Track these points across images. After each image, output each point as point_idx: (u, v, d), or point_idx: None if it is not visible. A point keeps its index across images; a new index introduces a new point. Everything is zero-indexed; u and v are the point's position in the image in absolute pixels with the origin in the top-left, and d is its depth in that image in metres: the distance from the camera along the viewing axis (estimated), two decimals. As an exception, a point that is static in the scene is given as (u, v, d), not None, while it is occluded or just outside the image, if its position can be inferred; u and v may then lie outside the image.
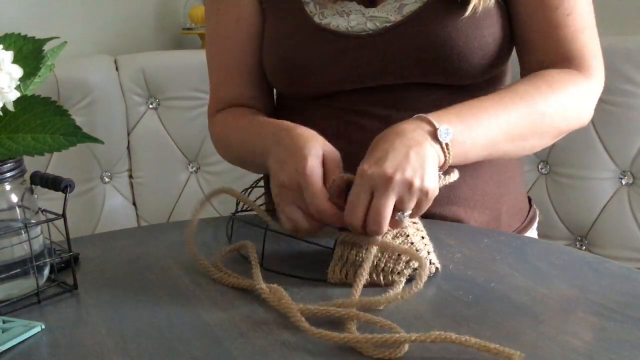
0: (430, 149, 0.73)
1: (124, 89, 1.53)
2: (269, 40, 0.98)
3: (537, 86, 0.86)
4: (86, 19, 1.78)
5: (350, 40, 0.91)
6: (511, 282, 0.70)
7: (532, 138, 0.86)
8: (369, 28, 0.91)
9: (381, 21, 0.90)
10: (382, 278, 0.71)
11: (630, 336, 0.59)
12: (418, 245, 0.72)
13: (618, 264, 0.74)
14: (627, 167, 1.29)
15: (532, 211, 1.07)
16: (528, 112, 0.84)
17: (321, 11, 0.93)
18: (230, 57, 1.02)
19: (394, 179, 0.69)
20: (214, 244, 0.85)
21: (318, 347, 0.59)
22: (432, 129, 0.75)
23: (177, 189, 1.59)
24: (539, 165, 1.39)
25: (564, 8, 0.88)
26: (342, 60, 0.91)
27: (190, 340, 0.62)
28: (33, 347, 0.63)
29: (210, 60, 1.05)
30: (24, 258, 0.71)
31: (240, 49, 1.01)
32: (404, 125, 0.75)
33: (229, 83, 1.03)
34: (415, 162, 0.71)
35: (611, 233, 1.31)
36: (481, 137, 0.80)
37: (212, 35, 1.04)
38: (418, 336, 0.57)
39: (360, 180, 0.71)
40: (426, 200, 0.72)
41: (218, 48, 1.03)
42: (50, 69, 0.76)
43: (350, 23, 0.91)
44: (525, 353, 0.56)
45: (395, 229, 0.73)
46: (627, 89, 1.26)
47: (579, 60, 0.89)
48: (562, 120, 0.88)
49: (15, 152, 0.69)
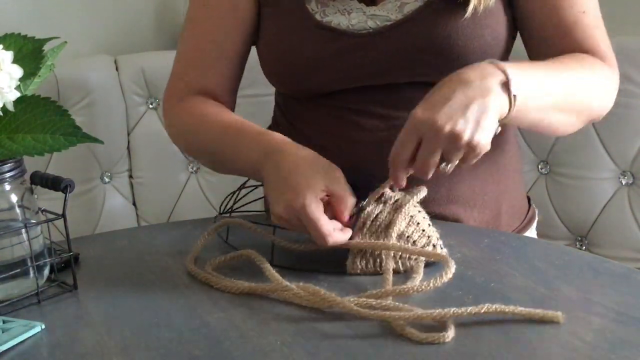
0: (495, 101, 0.71)
1: (124, 89, 1.53)
2: (270, 38, 0.97)
3: (580, 62, 0.86)
4: (86, 19, 1.78)
5: (351, 38, 0.91)
6: (511, 282, 0.70)
7: (572, 114, 0.87)
8: (370, 26, 0.91)
9: (382, 20, 0.91)
10: (400, 265, 0.74)
11: (630, 336, 0.59)
12: (429, 231, 0.75)
13: (618, 264, 0.74)
14: (627, 167, 1.29)
15: (531, 211, 1.07)
16: (579, 85, 0.84)
17: (322, 9, 0.93)
18: (212, 44, 0.98)
19: (443, 130, 0.69)
20: (212, 247, 0.85)
21: (318, 347, 0.59)
22: (504, 79, 0.73)
23: (177, 189, 1.59)
24: (539, 165, 1.38)
25: (578, 6, 0.89)
26: (343, 59, 0.91)
27: (190, 340, 0.62)
28: (33, 347, 0.63)
29: (185, 42, 1.01)
30: (24, 258, 0.71)
31: (224, 39, 0.98)
32: (471, 72, 0.73)
33: (203, 70, 0.99)
34: (471, 115, 0.69)
35: (611, 233, 1.31)
36: (540, 100, 0.79)
37: (196, 18, 1.00)
38: (464, 310, 0.61)
39: (410, 124, 0.71)
40: (474, 155, 0.72)
41: (199, 32, 0.99)
42: (50, 69, 0.76)
43: (351, 21, 0.91)
44: (525, 353, 0.56)
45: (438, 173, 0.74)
46: (627, 89, 1.26)
47: (600, 54, 0.90)
48: (596, 100, 0.89)
49: (15, 152, 0.69)
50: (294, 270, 0.74)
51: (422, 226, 0.75)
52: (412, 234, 0.74)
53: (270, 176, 0.78)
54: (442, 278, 0.68)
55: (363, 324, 0.63)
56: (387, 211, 0.75)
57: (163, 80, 1.55)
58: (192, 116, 0.97)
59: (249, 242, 0.80)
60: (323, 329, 0.63)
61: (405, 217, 0.75)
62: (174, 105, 1.00)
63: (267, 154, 0.81)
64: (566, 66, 0.85)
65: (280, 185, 0.76)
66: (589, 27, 0.90)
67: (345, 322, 0.64)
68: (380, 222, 0.75)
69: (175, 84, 1.02)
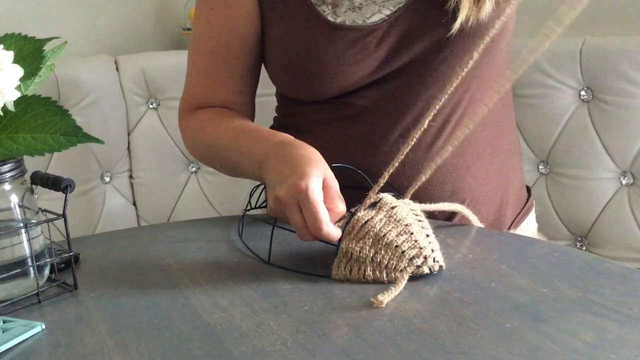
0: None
1: (124, 89, 1.53)
2: (280, 48, 0.95)
3: None
4: (86, 19, 1.78)
5: (370, 33, 0.90)
6: (511, 282, 0.70)
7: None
8: (385, 15, 0.90)
9: (394, 4, 0.90)
10: (385, 275, 0.71)
11: (630, 336, 0.59)
12: (422, 243, 0.72)
13: (618, 264, 0.74)
14: (627, 167, 1.29)
15: (529, 200, 1.08)
16: None
17: (333, 10, 0.91)
18: (220, 63, 0.98)
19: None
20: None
21: (318, 347, 0.59)
22: None
23: (177, 189, 1.59)
24: (539, 165, 1.39)
25: None
26: (363, 57, 0.90)
27: (190, 340, 0.62)
28: (33, 347, 0.63)
29: (194, 60, 1.01)
30: (24, 258, 0.71)
31: (232, 58, 0.98)
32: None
33: (215, 88, 1.00)
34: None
35: (611, 233, 1.31)
36: None
37: (202, 33, 0.99)
38: None
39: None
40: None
41: (206, 52, 0.99)
42: (50, 69, 0.76)
43: (365, 15, 0.90)
44: (525, 353, 0.56)
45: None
46: (627, 89, 1.26)
47: None
48: None
49: (16, 152, 0.69)
50: (286, 270, 0.75)
51: (416, 237, 0.73)
52: (401, 244, 0.72)
53: (277, 162, 0.79)
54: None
55: (363, 324, 0.63)
56: (379, 218, 0.74)
57: (163, 80, 1.57)
58: (204, 126, 0.98)
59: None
60: (323, 329, 0.63)
61: (398, 225, 0.73)
62: (186, 119, 1.02)
63: (275, 146, 0.82)
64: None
65: (286, 168, 0.76)
66: None
67: (345, 322, 0.64)
68: (369, 228, 0.73)
69: (187, 99, 1.03)
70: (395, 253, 0.71)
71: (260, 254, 0.80)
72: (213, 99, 1.00)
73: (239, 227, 0.88)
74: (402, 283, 0.69)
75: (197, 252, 0.83)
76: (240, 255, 0.81)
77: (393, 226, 0.73)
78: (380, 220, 0.73)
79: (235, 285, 0.73)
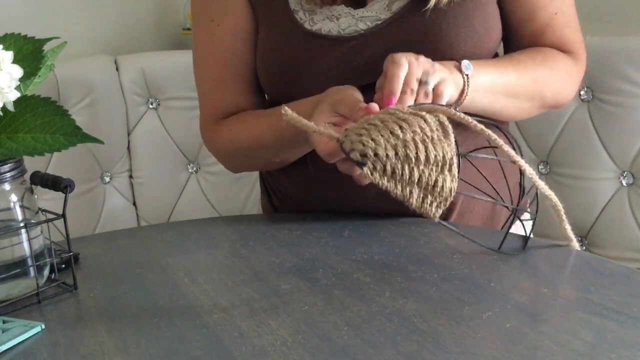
0: (453, 74, 0.83)
1: (124, 89, 1.53)
2: (263, 53, 0.97)
3: (532, 57, 0.96)
4: (86, 19, 1.78)
5: (344, 43, 0.91)
6: (511, 282, 0.70)
7: (523, 99, 0.94)
8: (361, 28, 0.91)
9: (372, 20, 0.91)
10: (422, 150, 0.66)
11: (630, 336, 0.59)
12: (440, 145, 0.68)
13: (618, 264, 0.74)
14: (627, 167, 1.29)
15: (525, 200, 1.08)
16: (523, 74, 0.93)
17: (311, 17, 0.93)
18: (226, 68, 1.00)
19: (420, 58, 0.79)
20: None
21: (318, 347, 0.59)
22: (456, 63, 0.84)
23: (177, 189, 1.59)
24: (539, 165, 1.39)
25: (552, 8, 0.97)
26: (339, 64, 0.92)
27: (190, 340, 0.62)
28: (33, 347, 0.63)
29: (201, 68, 1.03)
30: (24, 258, 0.71)
31: (237, 62, 1.00)
32: None
33: (226, 94, 1.01)
34: (438, 68, 0.80)
35: (611, 233, 1.31)
36: (490, 83, 0.88)
37: (206, 46, 1.01)
38: None
39: (392, 59, 0.79)
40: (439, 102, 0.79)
41: (211, 59, 1.01)
42: (50, 69, 0.76)
43: (341, 26, 0.92)
44: (525, 353, 0.56)
45: None
46: (627, 89, 1.26)
47: (567, 50, 0.99)
48: (548, 89, 0.96)
49: (15, 152, 0.69)
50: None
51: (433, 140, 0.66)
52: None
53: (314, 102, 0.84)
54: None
55: (363, 324, 0.63)
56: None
57: (163, 80, 1.57)
58: (238, 132, 0.99)
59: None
60: (323, 329, 0.63)
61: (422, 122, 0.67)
62: (210, 131, 1.04)
63: (314, 97, 0.86)
64: (522, 55, 0.95)
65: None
66: (560, 27, 0.98)
67: (345, 322, 0.64)
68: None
69: (205, 112, 1.05)
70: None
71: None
72: (230, 106, 1.02)
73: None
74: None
75: (197, 252, 0.83)
76: (240, 255, 0.81)
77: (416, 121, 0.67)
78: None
79: (235, 285, 0.73)
